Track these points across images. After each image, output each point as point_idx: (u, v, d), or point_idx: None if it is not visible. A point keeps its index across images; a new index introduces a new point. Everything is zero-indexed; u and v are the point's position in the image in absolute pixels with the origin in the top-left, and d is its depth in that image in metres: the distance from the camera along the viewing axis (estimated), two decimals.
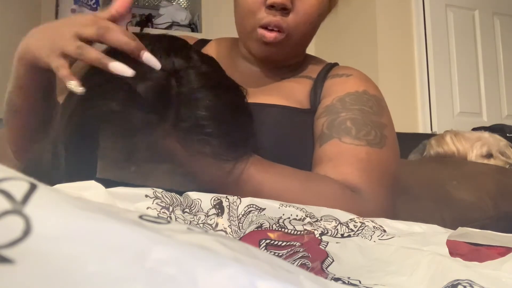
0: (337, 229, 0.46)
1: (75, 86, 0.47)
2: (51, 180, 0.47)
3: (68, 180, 0.44)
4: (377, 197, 0.58)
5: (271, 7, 0.66)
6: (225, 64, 0.59)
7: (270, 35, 0.68)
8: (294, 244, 0.41)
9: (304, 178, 0.56)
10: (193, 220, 0.45)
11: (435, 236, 0.43)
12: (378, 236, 0.44)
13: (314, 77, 0.76)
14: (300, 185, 0.55)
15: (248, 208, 0.48)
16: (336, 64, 0.79)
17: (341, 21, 2.94)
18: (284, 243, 0.41)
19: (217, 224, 0.46)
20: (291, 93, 0.73)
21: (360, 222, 0.48)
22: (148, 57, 0.48)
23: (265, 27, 0.68)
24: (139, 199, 0.44)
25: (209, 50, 0.81)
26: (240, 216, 0.48)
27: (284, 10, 0.67)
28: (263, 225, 0.44)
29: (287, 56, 0.75)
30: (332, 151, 0.61)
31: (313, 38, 0.75)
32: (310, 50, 0.78)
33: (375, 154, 0.62)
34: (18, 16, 2.33)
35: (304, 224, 0.46)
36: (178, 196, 0.47)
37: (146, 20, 2.84)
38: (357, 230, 0.46)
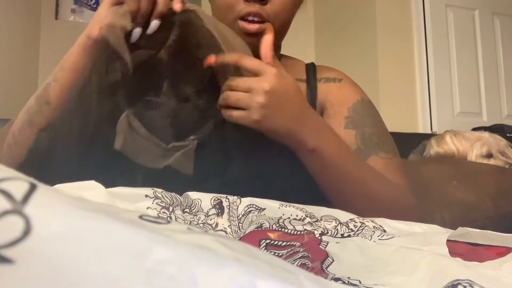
0: (337, 229, 0.46)
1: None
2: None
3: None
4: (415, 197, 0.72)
5: None
6: None
7: (253, 27, 0.70)
8: (294, 244, 0.41)
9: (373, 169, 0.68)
10: (193, 220, 0.45)
11: (435, 236, 0.43)
12: (378, 236, 0.44)
13: (304, 78, 0.79)
14: (378, 175, 0.67)
15: (248, 208, 0.48)
16: (313, 64, 0.83)
17: (341, 22, 2.94)
18: (284, 243, 0.41)
19: (217, 224, 0.46)
20: None
21: (360, 222, 0.48)
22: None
23: (245, 18, 0.70)
24: (139, 199, 0.44)
25: None
26: (240, 216, 0.48)
27: (262, 0, 0.69)
28: (263, 225, 0.44)
29: None
30: (375, 166, 0.68)
31: (288, 29, 0.78)
32: (310, 50, 0.79)
33: (399, 162, 0.74)
34: (18, 16, 2.33)
35: (304, 224, 0.46)
36: (178, 196, 0.47)
37: None
38: (357, 230, 0.46)
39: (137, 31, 0.58)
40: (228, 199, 0.49)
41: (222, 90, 0.61)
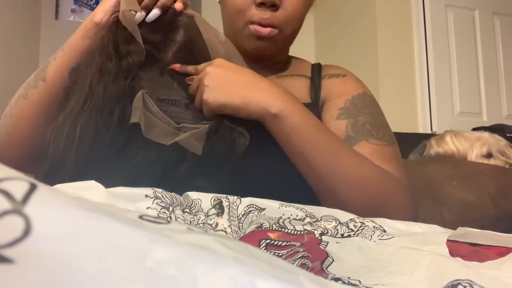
0: (337, 229, 0.46)
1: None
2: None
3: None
4: (408, 185, 0.66)
5: (261, 4, 0.69)
6: None
7: (264, 30, 0.70)
8: (294, 244, 0.41)
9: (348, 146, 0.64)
10: (193, 220, 0.45)
11: (435, 236, 0.43)
12: (378, 236, 0.44)
13: (309, 76, 0.79)
14: (350, 150, 0.62)
15: (248, 208, 0.48)
16: (319, 64, 0.83)
17: (341, 22, 2.94)
18: (284, 243, 0.41)
19: (217, 224, 0.46)
20: (291, 89, 0.74)
21: (360, 222, 0.48)
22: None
23: (257, 23, 0.70)
24: (139, 199, 0.44)
25: None
26: (240, 216, 0.48)
27: (273, 6, 0.69)
28: (263, 225, 0.44)
29: (277, 52, 0.77)
30: (364, 151, 0.64)
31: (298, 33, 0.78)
32: (310, 50, 0.79)
33: (396, 152, 0.69)
34: (18, 16, 2.33)
35: (304, 224, 0.46)
36: (178, 196, 0.47)
37: None
38: (357, 230, 0.46)
39: (139, 16, 0.61)
40: (228, 199, 0.49)
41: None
